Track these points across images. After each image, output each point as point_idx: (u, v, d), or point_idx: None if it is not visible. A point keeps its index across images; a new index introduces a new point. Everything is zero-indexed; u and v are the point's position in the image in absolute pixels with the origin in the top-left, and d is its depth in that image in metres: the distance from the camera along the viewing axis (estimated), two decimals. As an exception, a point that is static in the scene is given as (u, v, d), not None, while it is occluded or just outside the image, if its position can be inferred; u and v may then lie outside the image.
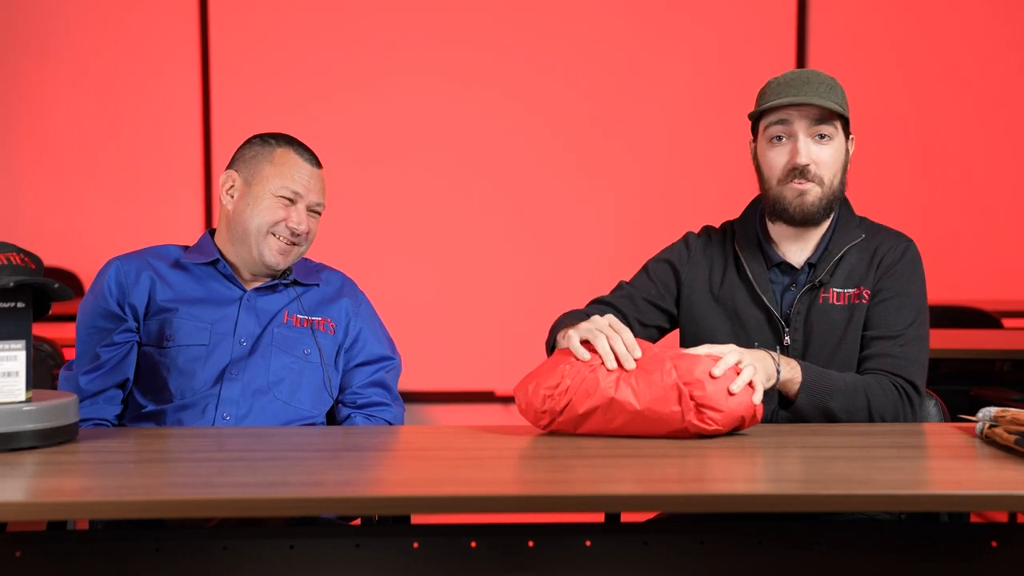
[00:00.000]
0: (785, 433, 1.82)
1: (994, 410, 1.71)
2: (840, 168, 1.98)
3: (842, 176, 1.99)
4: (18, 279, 1.63)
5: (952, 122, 4.97)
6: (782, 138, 1.97)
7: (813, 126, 1.95)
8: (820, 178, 1.95)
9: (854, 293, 1.98)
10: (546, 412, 1.77)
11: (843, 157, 2.00)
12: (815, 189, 1.95)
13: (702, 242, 2.11)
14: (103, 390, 2.01)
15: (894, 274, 1.98)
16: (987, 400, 3.12)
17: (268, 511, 1.45)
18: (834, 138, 1.96)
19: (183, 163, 4.91)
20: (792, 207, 1.96)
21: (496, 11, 4.89)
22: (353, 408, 2.13)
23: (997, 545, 1.64)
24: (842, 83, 2.04)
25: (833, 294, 1.98)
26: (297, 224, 2.06)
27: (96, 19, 4.89)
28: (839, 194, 2.00)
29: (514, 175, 4.89)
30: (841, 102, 1.97)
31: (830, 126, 1.95)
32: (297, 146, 2.10)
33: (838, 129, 1.97)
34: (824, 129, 1.95)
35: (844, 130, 2.00)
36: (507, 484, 1.52)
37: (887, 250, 2.01)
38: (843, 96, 1.99)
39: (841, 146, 1.99)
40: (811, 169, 1.95)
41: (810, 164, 1.94)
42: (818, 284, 1.98)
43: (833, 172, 1.97)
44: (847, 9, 4.95)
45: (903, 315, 1.96)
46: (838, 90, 1.98)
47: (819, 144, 1.95)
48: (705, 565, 1.63)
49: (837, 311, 1.97)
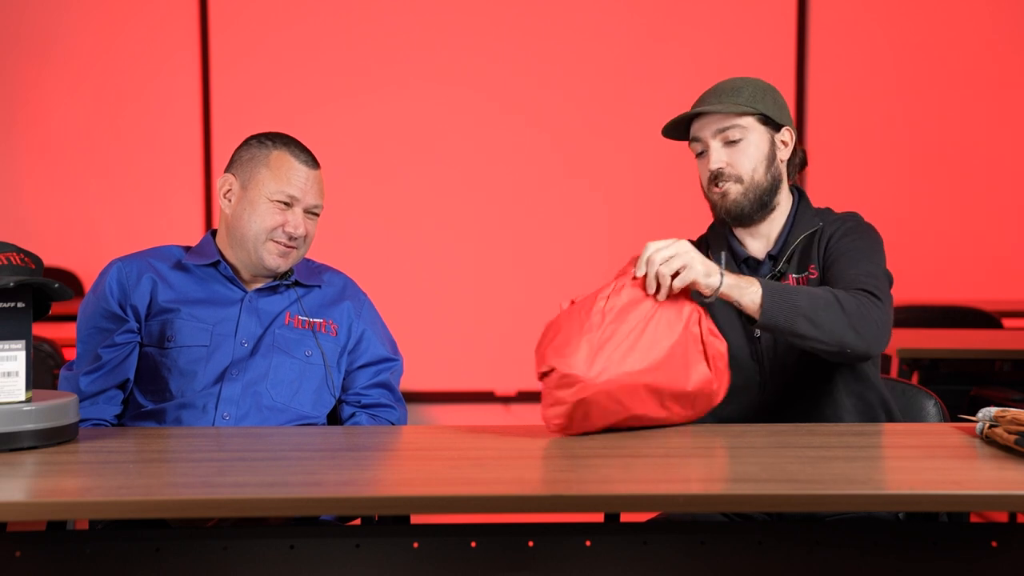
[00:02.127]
0: (785, 433, 1.82)
1: (994, 410, 1.71)
2: (760, 162, 2.03)
3: (767, 169, 2.03)
4: (18, 279, 1.63)
5: (952, 122, 4.97)
6: (703, 152, 2.06)
7: (718, 133, 2.03)
8: (737, 176, 2.02)
9: (805, 276, 2.02)
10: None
11: (764, 150, 2.03)
12: (734, 187, 2.02)
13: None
14: (103, 390, 2.01)
15: (839, 240, 2.01)
16: (987, 400, 3.13)
17: (268, 511, 1.44)
18: (746, 136, 2.02)
19: (183, 163, 4.91)
20: (720, 209, 2.05)
21: (497, 12, 4.89)
22: (357, 407, 2.13)
23: (997, 545, 1.64)
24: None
25: (792, 280, 2.02)
26: (294, 228, 2.05)
27: (96, 20, 4.89)
28: (767, 186, 2.04)
29: (514, 176, 4.89)
30: (748, 100, 2.01)
31: (735, 129, 2.02)
32: (294, 147, 2.09)
33: (748, 127, 2.02)
34: (730, 133, 2.02)
35: (769, 125, 2.04)
36: (507, 484, 1.52)
37: (832, 229, 2.04)
38: (754, 94, 2.03)
39: (760, 141, 2.03)
40: (725, 171, 2.02)
41: (722, 167, 2.02)
42: (778, 274, 2.03)
43: (751, 167, 2.02)
44: (847, 10, 4.95)
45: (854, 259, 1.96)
46: (744, 91, 2.03)
47: (730, 148, 2.02)
48: (705, 565, 1.63)
49: None
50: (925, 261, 4.90)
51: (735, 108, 2.01)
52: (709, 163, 2.03)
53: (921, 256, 4.90)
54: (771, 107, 2.04)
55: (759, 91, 2.04)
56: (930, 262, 4.91)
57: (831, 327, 1.82)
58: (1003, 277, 4.94)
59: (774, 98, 2.06)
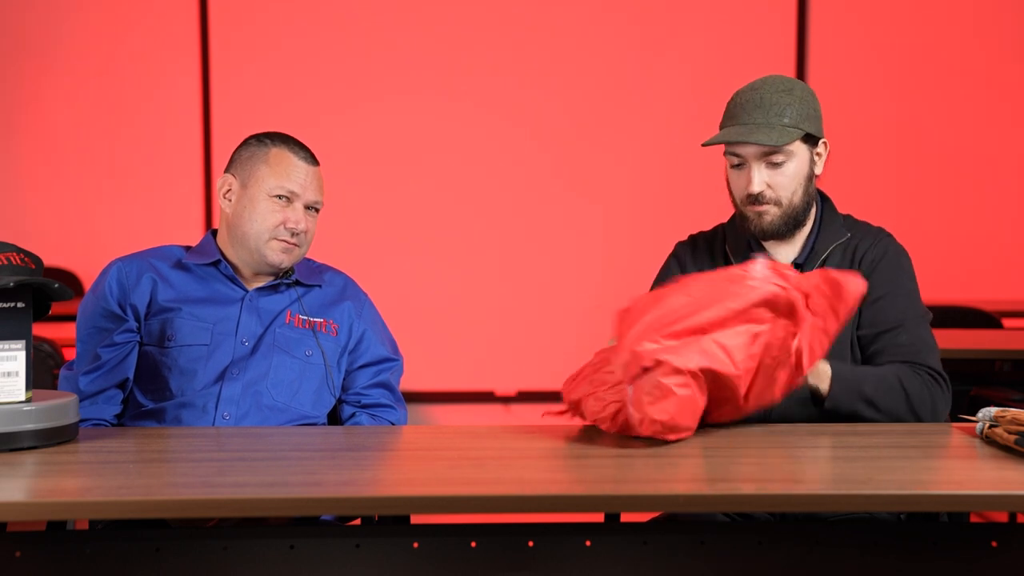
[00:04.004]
0: (785, 433, 1.82)
1: (994, 410, 1.71)
2: (800, 184, 2.01)
3: (804, 188, 2.01)
4: (18, 279, 1.63)
5: (952, 122, 4.97)
6: (739, 165, 2.02)
7: (763, 156, 1.98)
8: (777, 199, 2.00)
9: None
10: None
11: (805, 171, 2.01)
12: (772, 210, 2.00)
13: (689, 249, 2.15)
14: (103, 390, 2.01)
15: (879, 271, 2.00)
16: (987, 400, 3.12)
17: (268, 511, 1.44)
18: (789, 159, 1.99)
19: (183, 163, 4.91)
20: (753, 227, 2.03)
21: (497, 12, 4.89)
22: (358, 407, 2.13)
23: (997, 545, 1.64)
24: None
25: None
26: (295, 224, 2.05)
27: (97, 20, 4.89)
28: (803, 206, 2.02)
29: (514, 177, 4.89)
30: (797, 121, 1.97)
31: (780, 154, 1.98)
32: (292, 144, 2.10)
33: (793, 150, 1.99)
34: (774, 158, 1.98)
35: (810, 141, 2.01)
36: (507, 484, 1.52)
37: (867, 248, 2.03)
38: (802, 110, 1.98)
39: (801, 162, 2.00)
40: (766, 195, 2.00)
41: (764, 191, 1.99)
42: None
43: (791, 191, 2.00)
44: (847, 10, 4.95)
45: (898, 305, 1.98)
46: (792, 108, 1.97)
47: (772, 169, 1.99)
48: (705, 565, 1.63)
49: None
50: (925, 261, 4.86)
51: (786, 137, 1.95)
52: (750, 184, 1.99)
53: (921, 256, 4.84)
54: (812, 122, 2.00)
55: (803, 104, 1.99)
56: (930, 262, 4.88)
57: (890, 410, 1.87)
58: (1003, 277, 4.94)
59: (815, 108, 2.01)
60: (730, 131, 1.98)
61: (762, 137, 1.94)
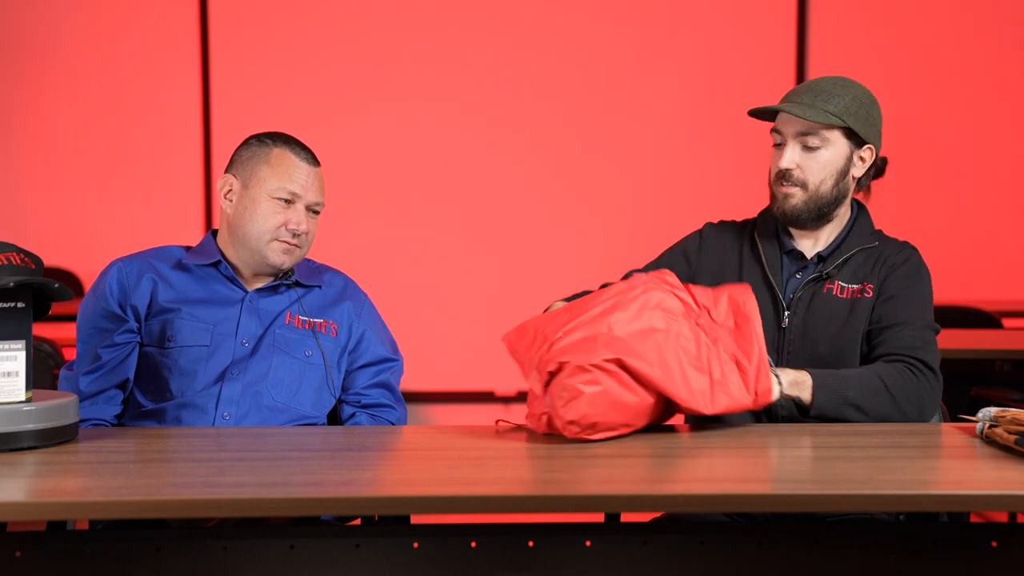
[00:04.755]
0: (785, 433, 1.82)
1: (994, 410, 1.71)
2: (831, 174, 2.02)
3: (835, 183, 2.03)
4: (18, 279, 1.63)
5: (952, 122, 4.97)
6: (780, 144, 2.06)
7: (799, 135, 2.01)
8: (804, 182, 2.02)
9: (857, 288, 2.02)
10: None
11: (839, 164, 2.02)
12: (798, 192, 2.03)
13: (717, 231, 2.18)
14: (103, 390, 2.01)
15: (898, 274, 2.03)
16: (987, 400, 3.13)
17: (268, 511, 1.45)
18: (825, 146, 2.01)
19: (183, 163, 4.91)
20: (778, 208, 2.06)
21: (498, 13, 4.89)
22: (357, 407, 2.13)
23: (997, 545, 1.64)
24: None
25: (838, 286, 2.03)
26: (297, 225, 2.05)
27: (97, 20, 4.89)
28: (830, 199, 2.04)
29: (514, 177, 4.89)
30: (840, 111, 1.99)
31: (816, 136, 2.00)
32: (294, 145, 2.10)
33: (830, 139, 2.01)
34: (809, 140, 2.01)
35: (852, 139, 2.03)
36: (507, 484, 1.52)
37: (892, 252, 2.06)
38: (849, 106, 2.00)
39: (836, 154, 2.02)
40: (793, 174, 2.02)
41: (792, 169, 2.02)
42: (824, 276, 2.04)
43: (820, 178, 2.02)
44: (847, 10, 4.95)
45: (909, 305, 2.00)
46: (842, 100, 2.00)
47: (806, 152, 2.02)
48: (705, 565, 1.63)
49: (839, 303, 2.02)
50: (926, 261, 4.89)
51: (823, 118, 1.99)
52: (781, 160, 2.03)
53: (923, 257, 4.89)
54: (861, 122, 2.02)
55: (856, 102, 2.02)
56: (930, 262, 4.89)
57: (878, 411, 1.87)
58: (1003, 277, 4.94)
59: (868, 112, 2.03)
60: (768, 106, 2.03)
61: (797, 110, 1.98)
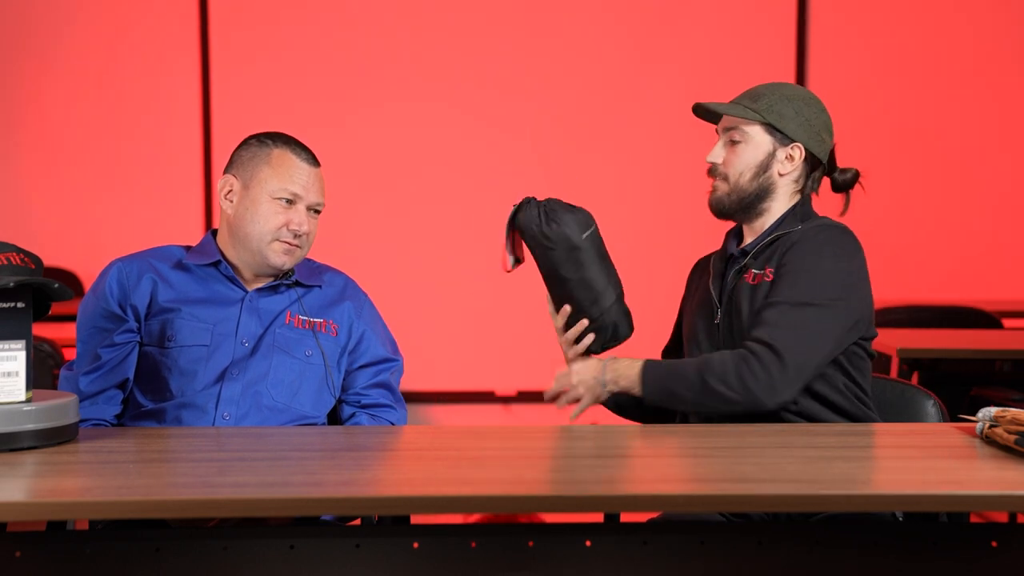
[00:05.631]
0: (785, 433, 1.82)
1: (994, 410, 1.71)
2: (751, 169, 2.07)
3: (754, 177, 2.07)
4: (18, 279, 1.63)
5: (952, 121, 4.97)
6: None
7: (725, 131, 2.10)
8: (724, 175, 2.09)
9: (761, 274, 2.03)
10: None
11: (759, 159, 2.06)
12: (720, 186, 2.10)
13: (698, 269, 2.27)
14: (103, 390, 2.01)
15: (793, 252, 2.00)
16: (987, 400, 3.12)
17: (268, 511, 1.45)
18: (746, 141, 2.07)
19: (183, 163, 4.91)
20: (708, 202, 2.13)
21: (498, 13, 4.89)
22: (357, 407, 2.13)
23: (997, 545, 1.64)
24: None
25: (751, 275, 2.05)
26: (299, 226, 2.05)
27: (97, 19, 4.89)
28: (751, 192, 2.07)
29: (514, 176, 4.89)
30: (763, 109, 2.05)
31: (737, 131, 2.07)
32: (294, 145, 2.09)
33: (752, 134, 2.06)
34: (733, 134, 2.08)
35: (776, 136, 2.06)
36: (507, 484, 1.52)
37: (801, 233, 2.03)
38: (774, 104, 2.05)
39: (757, 149, 2.07)
40: (716, 168, 2.10)
41: (716, 163, 2.10)
42: (743, 268, 2.07)
43: (739, 171, 2.07)
44: (847, 10, 4.95)
45: (788, 284, 1.96)
46: (767, 98, 2.06)
47: (730, 147, 2.09)
48: (705, 565, 1.63)
49: (748, 290, 2.04)
50: (925, 261, 4.90)
51: (740, 112, 2.06)
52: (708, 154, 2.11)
53: (921, 256, 4.89)
54: (788, 121, 2.04)
55: (783, 101, 2.05)
56: (930, 262, 4.91)
57: (704, 403, 1.92)
58: (1003, 277, 4.94)
59: (799, 112, 2.05)
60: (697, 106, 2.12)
61: (718, 107, 2.08)
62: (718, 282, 2.11)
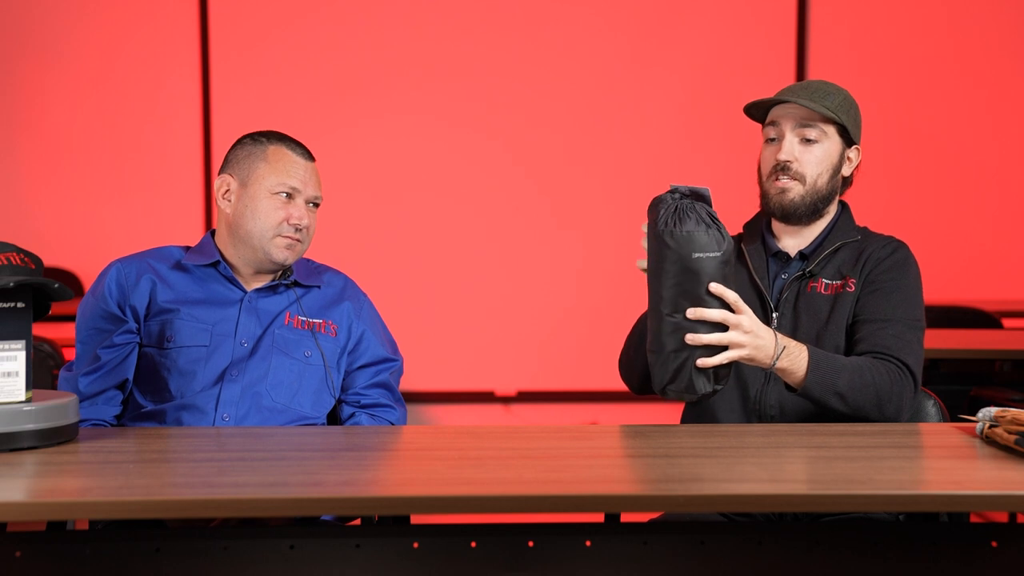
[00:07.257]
0: (785, 433, 1.82)
1: (994, 410, 1.71)
2: (827, 170, 2.05)
3: (830, 178, 2.05)
4: (18, 279, 1.63)
5: (952, 122, 4.97)
6: (774, 139, 2.07)
7: (798, 127, 2.04)
8: (802, 176, 2.03)
9: (840, 284, 2.03)
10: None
11: (834, 160, 2.05)
12: (796, 186, 2.04)
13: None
14: (102, 391, 2.01)
15: (883, 268, 2.02)
16: (987, 400, 3.13)
17: (268, 511, 1.44)
18: (821, 141, 2.04)
19: (183, 163, 4.91)
20: (773, 203, 2.06)
21: (499, 14, 4.89)
22: (357, 407, 2.13)
23: (997, 545, 1.64)
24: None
25: (821, 284, 2.03)
26: (299, 219, 2.06)
27: (97, 19, 4.89)
28: (825, 194, 2.05)
29: (514, 176, 4.89)
30: (836, 108, 2.03)
31: (815, 129, 2.03)
32: (289, 142, 2.10)
33: (827, 134, 2.04)
34: (808, 132, 2.03)
35: (844, 138, 2.06)
36: (507, 484, 1.52)
37: (877, 247, 2.06)
38: (842, 105, 2.04)
39: (832, 149, 2.05)
40: (792, 166, 2.03)
41: (792, 161, 2.03)
42: (808, 274, 2.05)
43: (817, 172, 2.04)
44: (847, 10, 4.95)
45: (892, 302, 1.99)
46: (836, 98, 2.04)
47: (804, 145, 2.04)
48: (705, 565, 1.63)
49: (823, 300, 2.02)
50: (925, 261, 4.88)
51: (824, 111, 2.01)
52: (779, 152, 2.03)
53: (921, 256, 4.87)
54: (852, 122, 2.05)
55: (847, 103, 2.06)
56: (930, 262, 4.87)
57: (859, 405, 1.87)
58: (1003, 277, 4.94)
59: (856, 115, 2.07)
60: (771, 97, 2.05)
61: (804, 101, 2.00)
62: (765, 281, 2.07)
